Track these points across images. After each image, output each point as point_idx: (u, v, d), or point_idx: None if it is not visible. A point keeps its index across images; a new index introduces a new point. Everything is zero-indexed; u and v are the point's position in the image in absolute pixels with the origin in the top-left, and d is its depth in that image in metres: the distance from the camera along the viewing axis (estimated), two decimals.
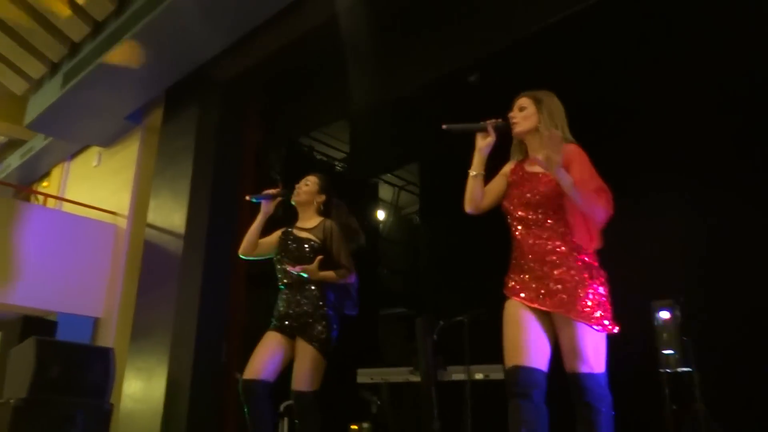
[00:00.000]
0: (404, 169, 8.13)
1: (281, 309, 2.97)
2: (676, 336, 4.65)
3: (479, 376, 4.00)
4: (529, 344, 2.11)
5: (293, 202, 3.21)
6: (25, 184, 8.70)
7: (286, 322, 2.94)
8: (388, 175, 8.20)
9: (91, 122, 6.53)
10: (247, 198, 3.22)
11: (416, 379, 4.16)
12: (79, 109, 6.24)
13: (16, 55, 6.14)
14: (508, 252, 2.46)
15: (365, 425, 4.64)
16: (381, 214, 8.37)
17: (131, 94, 6.09)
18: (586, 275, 2.13)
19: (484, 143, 2.31)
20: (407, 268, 8.51)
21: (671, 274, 4.81)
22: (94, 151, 7.36)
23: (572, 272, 2.13)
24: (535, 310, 2.17)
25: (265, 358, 2.94)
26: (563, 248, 2.17)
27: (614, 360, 4.73)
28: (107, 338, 6.04)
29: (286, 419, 5.51)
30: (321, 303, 2.93)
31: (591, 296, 2.10)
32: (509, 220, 2.35)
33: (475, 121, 2.41)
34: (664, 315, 4.72)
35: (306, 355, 2.84)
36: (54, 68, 6.24)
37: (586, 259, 2.17)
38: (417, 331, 4.09)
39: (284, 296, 2.99)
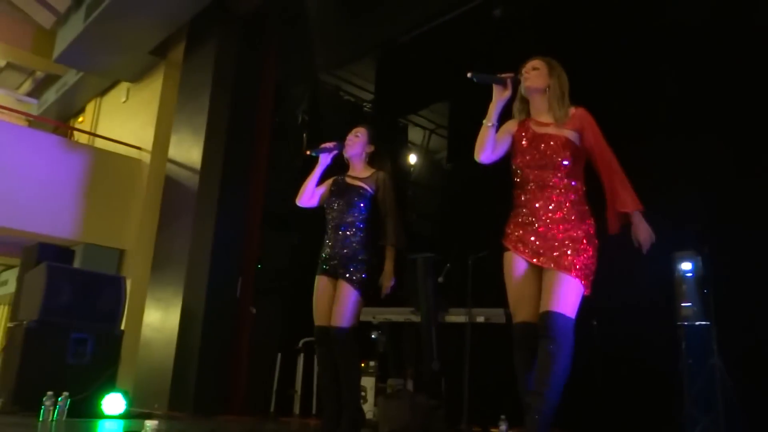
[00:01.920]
0: (435, 113, 7.91)
1: (327, 251, 3.10)
2: (696, 288, 4.45)
3: (480, 319, 3.92)
4: (529, 300, 2.28)
5: (345, 155, 3.25)
6: (62, 120, 8.90)
7: (332, 263, 3.05)
8: (419, 118, 8.00)
9: (116, 56, 6.56)
10: (307, 152, 3.31)
11: (417, 319, 4.12)
12: (103, 41, 6.26)
13: None
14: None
15: (371, 363, 4.63)
16: (413, 159, 8.22)
17: (153, 26, 6.06)
18: (581, 244, 2.27)
19: (501, 96, 2.39)
20: (436, 213, 8.39)
21: (695, 225, 4.57)
22: (124, 86, 7.42)
23: (569, 234, 2.27)
24: (529, 263, 2.31)
25: (325, 303, 3.07)
26: (565, 211, 2.30)
27: (634, 312, 4.59)
28: (131, 269, 6.21)
29: (302, 354, 5.62)
30: (362, 246, 3.03)
31: (581, 258, 2.24)
32: (517, 178, 2.43)
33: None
34: (685, 267, 4.52)
35: (344, 293, 2.95)
36: (78, 0, 6.25)
37: (584, 225, 2.31)
38: (418, 272, 4.02)
39: (330, 239, 3.11)
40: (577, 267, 2.20)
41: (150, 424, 3.90)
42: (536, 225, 2.31)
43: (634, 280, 4.74)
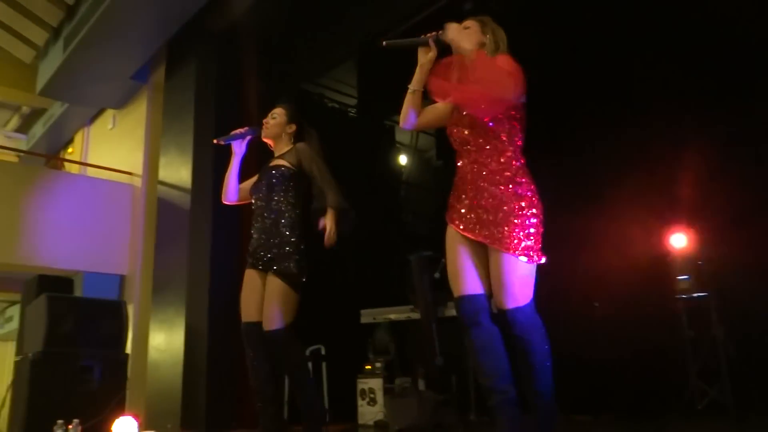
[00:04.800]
0: None
1: (253, 243, 2.86)
2: (691, 261, 4.49)
3: None
4: (466, 272, 2.12)
5: (264, 139, 3.05)
6: (53, 153, 8.94)
7: (259, 255, 2.82)
8: None
9: (99, 84, 6.60)
10: (215, 141, 3.05)
11: (417, 316, 4.15)
12: (85, 71, 6.29)
13: (16, 23, 6.22)
14: None
15: (377, 364, 4.66)
16: (402, 159, 8.26)
17: (132, 51, 6.10)
18: (516, 206, 2.08)
19: (426, 59, 2.23)
20: (431, 211, 8.41)
21: (686, 199, 4.61)
22: (110, 113, 7.46)
23: (505, 202, 2.09)
24: (469, 239, 2.14)
25: (250, 299, 2.89)
26: (498, 177, 2.11)
27: (631, 289, 4.60)
28: (133, 294, 6.23)
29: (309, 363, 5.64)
30: (289, 232, 2.78)
31: (520, 227, 2.06)
32: (453, 145, 2.29)
33: None
34: (679, 240, 4.55)
35: (274, 289, 2.73)
36: (56, 33, 6.30)
37: (521, 188, 2.11)
38: (413, 270, 4.06)
39: (255, 230, 2.88)
40: (521, 245, 2.03)
41: None
42: (470, 195, 2.13)
43: (630, 258, 4.79)
